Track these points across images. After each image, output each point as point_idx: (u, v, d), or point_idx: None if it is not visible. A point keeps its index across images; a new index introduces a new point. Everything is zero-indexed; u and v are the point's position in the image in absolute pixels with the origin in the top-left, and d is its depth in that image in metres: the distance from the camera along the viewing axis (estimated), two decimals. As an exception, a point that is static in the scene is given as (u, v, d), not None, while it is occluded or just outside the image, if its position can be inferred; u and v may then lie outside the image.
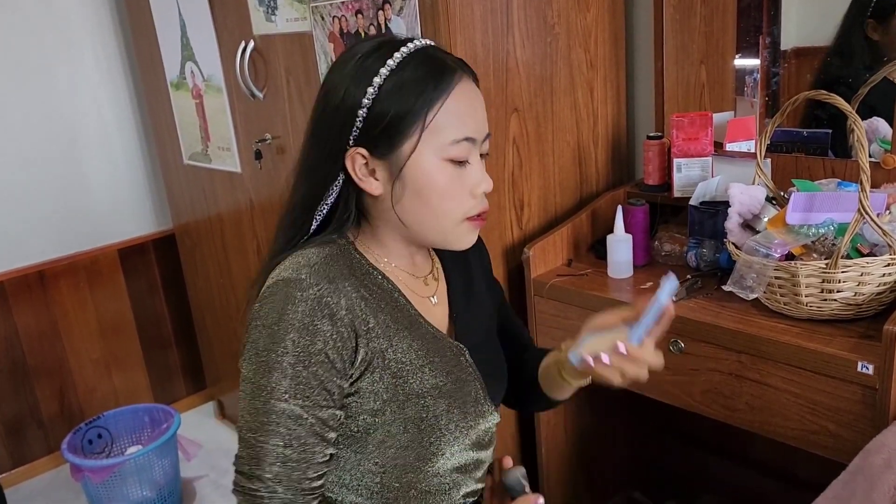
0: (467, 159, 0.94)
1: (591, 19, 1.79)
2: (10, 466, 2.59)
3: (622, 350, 0.92)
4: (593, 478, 2.01)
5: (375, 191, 0.95)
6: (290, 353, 0.88)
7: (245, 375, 0.91)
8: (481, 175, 0.96)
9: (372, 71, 0.92)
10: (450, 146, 0.92)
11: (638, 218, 1.66)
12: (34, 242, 2.57)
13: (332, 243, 0.97)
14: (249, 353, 0.91)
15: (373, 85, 0.91)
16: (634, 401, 1.71)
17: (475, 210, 0.97)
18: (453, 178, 0.94)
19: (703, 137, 1.66)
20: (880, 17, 1.55)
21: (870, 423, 1.21)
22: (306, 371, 0.88)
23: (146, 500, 2.29)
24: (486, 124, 0.98)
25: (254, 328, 0.91)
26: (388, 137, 0.92)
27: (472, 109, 0.95)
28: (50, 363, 2.64)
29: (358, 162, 0.94)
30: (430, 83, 0.91)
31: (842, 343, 1.25)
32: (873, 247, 1.29)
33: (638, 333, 0.93)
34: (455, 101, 0.92)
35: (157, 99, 2.47)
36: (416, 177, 0.93)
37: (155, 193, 2.82)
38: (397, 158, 0.93)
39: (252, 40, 1.97)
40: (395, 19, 1.56)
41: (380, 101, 0.91)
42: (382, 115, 0.91)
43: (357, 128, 0.92)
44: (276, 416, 0.88)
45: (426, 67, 0.92)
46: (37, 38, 2.49)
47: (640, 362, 0.93)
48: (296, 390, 0.88)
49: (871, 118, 1.55)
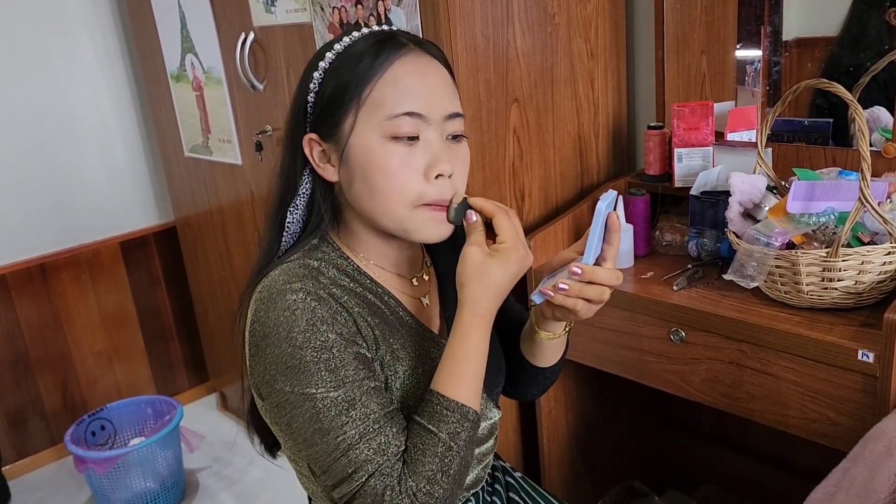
0: (417, 136, 0.89)
1: (591, 9, 1.78)
2: (14, 458, 2.60)
3: (577, 271, 0.90)
4: (594, 467, 2.01)
5: (331, 177, 0.93)
6: (313, 349, 0.86)
7: (282, 392, 0.87)
8: (435, 156, 0.89)
9: (325, 51, 0.92)
10: (389, 121, 0.88)
11: (639, 208, 1.66)
12: (35, 235, 2.57)
13: (315, 250, 0.95)
14: (275, 372, 0.87)
15: (319, 68, 0.91)
16: (635, 390, 1.72)
17: (431, 195, 0.90)
18: (400, 158, 0.88)
19: (703, 127, 1.66)
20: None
21: (870, 412, 1.21)
22: (334, 357, 0.86)
23: (149, 491, 2.30)
24: (447, 102, 0.91)
25: (266, 347, 0.88)
26: (329, 116, 0.90)
27: (420, 83, 0.89)
28: (52, 355, 2.65)
29: (315, 149, 0.93)
30: (368, 57, 0.89)
31: (842, 332, 1.25)
32: (874, 235, 1.29)
33: (589, 253, 0.91)
34: (396, 73, 0.88)
35: (157, 91, 2.47)
36: (358, 157, 0.90)
37: (156, 186, 2.82)
38: (340, 138, 0.91)
39: (252, 32, 1.97)
40: (395, 10, 1.56)
41: (324, 81, 0.91)
42: (323, 94, 0.91)
43: (309, 112, 0.92)
44: (334, 408, 0.85)
45: (370, 43, 0.90)
46: (36, 30, 2.49)
47: (599, 282, 0.91)
48: (337, 377, 0.86)
49: (872, 107, 1.54)
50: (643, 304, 1.48)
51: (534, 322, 1.06)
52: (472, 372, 0.89)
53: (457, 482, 0.87)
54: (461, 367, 0.89)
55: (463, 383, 0.89)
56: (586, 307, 0.92)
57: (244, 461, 2.56)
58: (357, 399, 0.86)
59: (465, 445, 0.88)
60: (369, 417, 0.86)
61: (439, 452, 0.85)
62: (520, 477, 1.25)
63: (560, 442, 1.89)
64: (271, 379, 0.88)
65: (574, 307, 0.92)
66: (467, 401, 0.88)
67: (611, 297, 0.94)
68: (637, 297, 1.49)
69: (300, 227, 0.99)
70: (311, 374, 0.86)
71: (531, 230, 1.71)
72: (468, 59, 1.55)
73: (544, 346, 1.08)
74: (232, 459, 2.59)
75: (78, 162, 2.64)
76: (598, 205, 0.90)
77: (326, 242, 0.98)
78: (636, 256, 1.64)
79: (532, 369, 1.13)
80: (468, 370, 0.89)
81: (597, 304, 0.93)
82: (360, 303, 0.93)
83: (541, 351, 1.09)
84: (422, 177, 0.90)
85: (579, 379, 1.88)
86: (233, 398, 2.82)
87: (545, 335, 1.05)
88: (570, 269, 0.91)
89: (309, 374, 0.86)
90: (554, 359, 1.12)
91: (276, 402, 0.89)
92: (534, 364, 1.12)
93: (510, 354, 1.14)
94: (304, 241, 0.96)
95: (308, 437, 0.87)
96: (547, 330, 1.05)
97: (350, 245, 0.99)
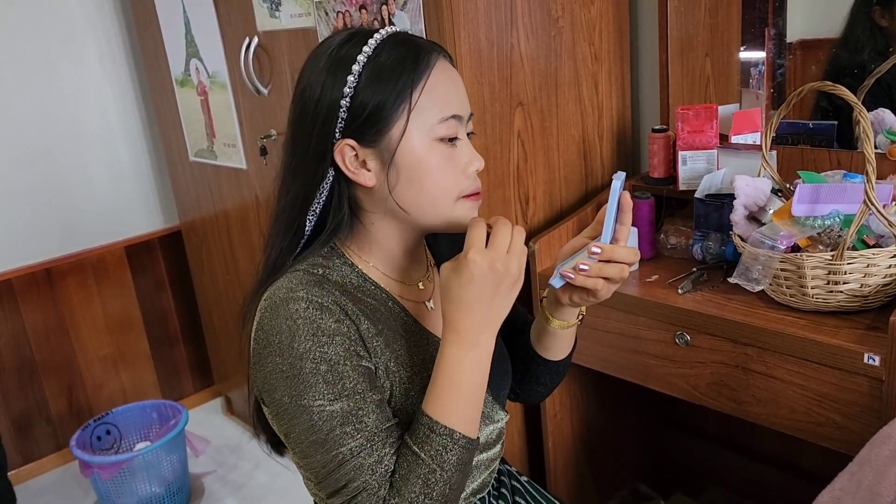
0: (457, 136, 0.94)
1: (595, 12, 1.78)
2: (20, 463, 2.61)
3: (596, 251, 0.92)
4: (599, 471, 2.01)
5: (368, 182, 0.93)
6: (312, 360, 0.86)
7: (281, 402, 0.88)
8: (472, 153, 0.95)
9: (348, 60, 0.91)
10: (438, 125, 0.91)
11: (643, 211, 1.66)
12: (41, 240, 2.58)
13: (322, 257, 0.96)
14: (274, 381, 0.88)
15: (352, 73, 0.90)
16: (640, 394, 1.72)
17: (470, 189, 0.95)
18: (446, 158, 0.93)
19: (708, 130, 1.66)
20: (886, 3, 1.55)
21: (876, 415, 1.21)
22: (334, 369, 0.86)
23: (155, 495, 2.31)
24: (468, 103, 0.97)
25: (268, 355, 0.88)
26: (374, 124, 0.91)
27: (453, 87, 0.94)
28: (58, 360, 2.65)
29: (348, 154, 0.92)
30: (408, 65, 0.91)
31: (848, 335, 1.25)
32: (879, 238, 1.29)
33: (606, 232, 0.93)
34: (436, 80, 0.92)
35: (162, 96, 2.48)
36: (408, 160, 0.92)
37: (161, 190, 2.83)
38: (388, 144, 0.91)
39: (256, 36, 1.97)
40: (399, 14, 1.56)
41: (361, 88, 0.90)
42: (366, 103, 0.90)
43: (342, 119, 0.91)
44: (332, 420, 0.86)
45: (401, 50, 0.92)
46: (41, 35, 2.50)
47: (618, 259, 0.93)
48: (335, 390, 0.86)
49: (877, 109, 1.54)
50: (648, 308, 1.48)
51: (546, 312, 1.07)
52: (460, 393, 0.88)
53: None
54: (447, 389, 0.88)
55: (449, 405, 0.88)
56: (606, 287, 0.94)
57: (249, 465, 2.56)
58: (354, 413, 0.86)
59: (454, 468, 0.87)
60: (365, 433, 0.86)
61: (422, 475, 0.85)
62: (526, 481, 1.25)
63: (565, 446, 1.88)
64: (271, 388, 0.89)
65: (595, 286, 0.94)
66: (455, 423, 0.87)
67: (616, 300, 0.95)
68: (642, 300, 1.49)
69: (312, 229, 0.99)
70: (309, 386, 0.86)
71: (536, 233, 1.71)
72: (472, 63, 1.55)
73: (558, 337, 1.09)
74: (237, 463, 2.59)
75: (83, 167, 2.65)
76: (613, 183, 0.92)
77: (332, 250, 0.98)
78: (641, 259, 1.64)
79: (542, 363, 1.14)
80: (454, 391, 0.88)
81: (616, 282, 0.95)
82: (364, 309, 0.93)
83: (553, 342, 1.10)
84: (462, 174, 0.94)
85: (584, 382, 1.87)
86: (238, 402, 2.82)
87: (558, 324, 1.06)
88: (589, 250, 0.93)
89: (307, 386, 0.86)
90: (565, 351, 1.13)
91: (275, 412, 0.90)
92: (545, 357, 1.13)
93: (518, 354, 1.15)
94: (315, 248, 0.97)
95: (304, 448, 0.88)
96: (561, 319, 1.06)
97: (357, 252, 0.99)
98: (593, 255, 0.92)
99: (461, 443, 0.88)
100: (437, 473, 0.86)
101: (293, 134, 0.96)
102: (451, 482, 0.87)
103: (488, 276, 0.87)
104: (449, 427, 0.87)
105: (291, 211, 0.96)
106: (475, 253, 0.87)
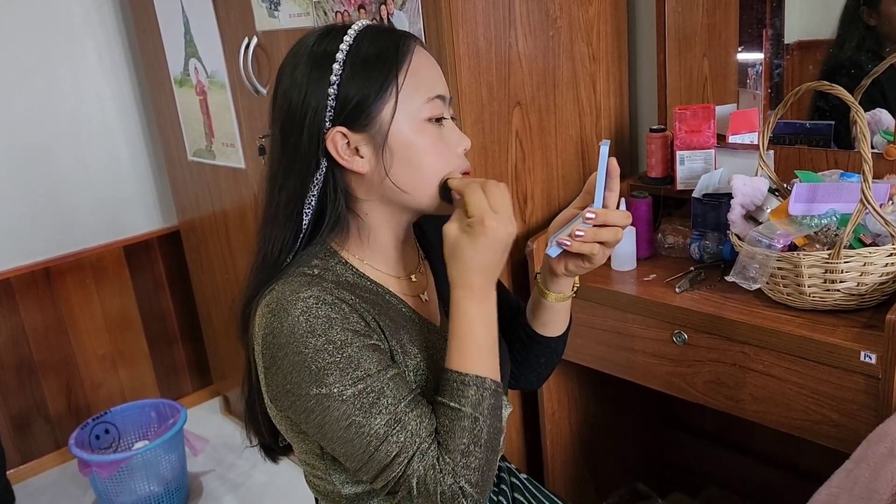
0: (443, 116, 0.97)
1: (593, 12, 1.79)
2: (19, 462, 2.61)
3: (590, 216, 0.95)
4: (598, 470, 2.02)
5: (362, 168, 0.95)
6: (330, 350, 0.87)
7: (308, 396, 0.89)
8: (459, 133, 0.99)
9: (330, 54, 0.93)
10: (424, 105, 0.94)
11: (641, 210, 1.66)
12: (40, 239, 2.58)
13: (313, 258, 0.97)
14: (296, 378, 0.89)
15: (337, 62, 0.92)
16: (639, 393, 1.72)
17: (462, 168, 0.98)
18: (436, 138, 0.96)
19: (705, 130, 1.66)
20: (873, 3, 1.56)
21: (873, 413, 1.22)
22: (353, 354, 0.88)
23: (153, 494, 2.31)
24: (447, 85, 0.99)
25: (284, 356, 0.89)
26: (364, 110, 0.93)
27: (434, 69, 0.98)
28: (56, 359, 2.65)
29: (340, 143, 0.93)
30: (391, 50, 0.94)
31: (845, 333, 1.25)
32: (876, 237, 1.30)
33: (598, 197, 0.96)
34: (418, 62, 0.95)
35: (161, 96, 2.48)
36: (401, 140, 0.94)
37: (160, 190, 2.83)
38: (380, 128, 0.93)
39: (255, 36, 1.97)
40: (398, 14, 1.57)
41: (346, 78, 0.92)
42: (354, 92, 0.92)
43: (331, 108, 0.93)
44: (362, 401, 0.88)
45: (382, 39, 0.95)
46: (40, 35, 2.50)
47: (612, 223, 0.96)
48: (358, 372, 0.88)
49: (873, 109, 1.55)
50: (645, 307, 1.49)
51: (542, 286, 1.09)
52: (480, 343, 0.93)
53: (490, 449, 0.91)
54: (466, 342, 0.92)
55: (472, 355, 0.92)
56: (602, 251, 0.97)
57: (248, 464, 2.56)
58: (382, 389, 0.89)
59: (490, 413, 0.91)
60: (398, 404, 0.89)
61: (466, 426, 0.89)
62: (525, 478, 1.25)
63: (563, 444, 1.89)
64: (294, 387, 0.89)
65: (591, 251, 0.97)
66: (482, 371, 0.91)
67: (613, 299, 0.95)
68: (639, 299, 1.50)
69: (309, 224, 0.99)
70: (333, 374, 0.88)
71: (534, 232, 1.72)
72: (470, 63, 1.56)
73: (555, 311, 1.11)
74: (236, 463, 2.60)
75: (82, 166, 2.65)
76: (602, 149, 0.95)
77: (328, 252, 0.99)
78: (638, 259, 1.64)
79: (542, 341, 1.15)
80: (474, 342, 0.92)
81: (611, 246, 0.98)
82: (364, 303, 0.94)
83: (551, 316, 1.12)
84: (453, 154, 0.98)
85: (582, 381, 1.88)
86: (236, 402, 2.82)
87: (555, 297, 1.08)
88: (583, 216, 0.96)
89: (331, 375, 0.88)
90: (562, 325, 1.14)
91: (302, 408, 0.90)
92: (543, 334, 1.14)
93: (516, 336, 1.17)
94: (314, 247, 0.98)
95: (341, 435, 0.89)
96: (556, 291, 1.08)
97: (348, 249, 1.00)
98: (588, 221, 0.95)
99: (492, 388, 0.92)
100: (480, 421, 0.90)
101: (282, 132, 0.97)
102: (493, 428, 0.91)
103: (504, 240, 0.91)
104: (480, 376, 0.91)
105: (287, 206, 0.97)
106: (490, 219, 0.90)
